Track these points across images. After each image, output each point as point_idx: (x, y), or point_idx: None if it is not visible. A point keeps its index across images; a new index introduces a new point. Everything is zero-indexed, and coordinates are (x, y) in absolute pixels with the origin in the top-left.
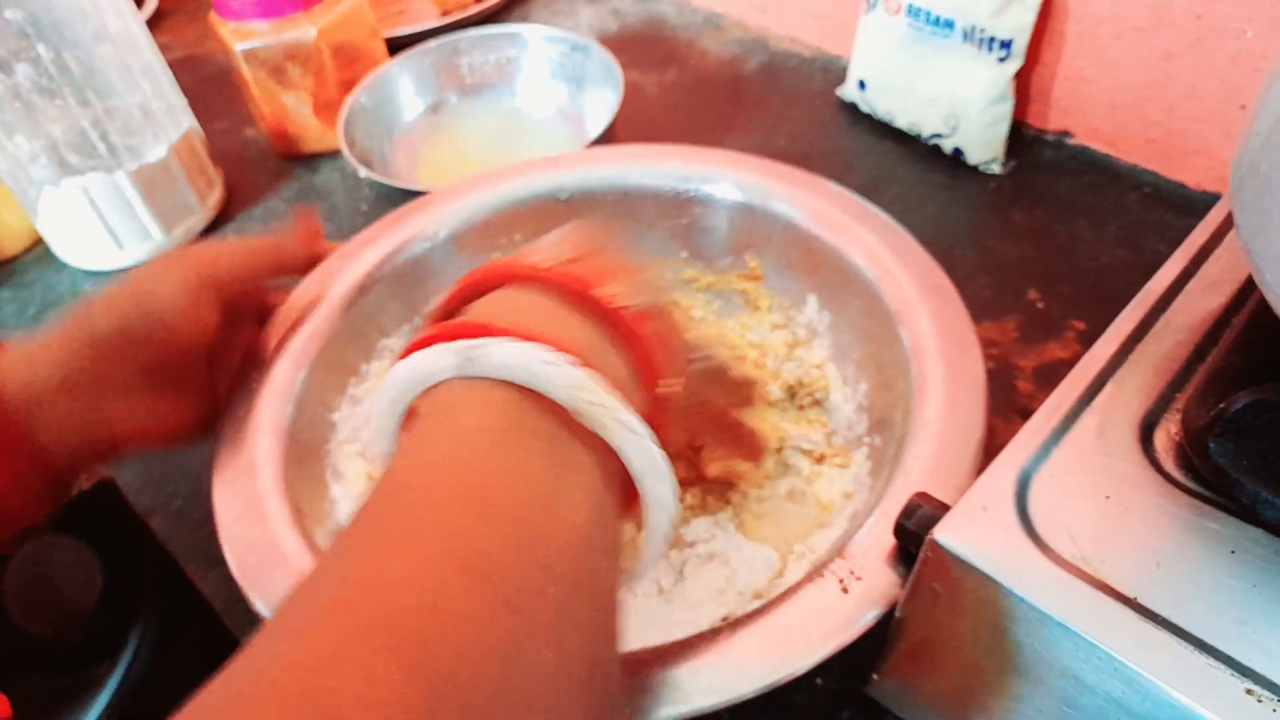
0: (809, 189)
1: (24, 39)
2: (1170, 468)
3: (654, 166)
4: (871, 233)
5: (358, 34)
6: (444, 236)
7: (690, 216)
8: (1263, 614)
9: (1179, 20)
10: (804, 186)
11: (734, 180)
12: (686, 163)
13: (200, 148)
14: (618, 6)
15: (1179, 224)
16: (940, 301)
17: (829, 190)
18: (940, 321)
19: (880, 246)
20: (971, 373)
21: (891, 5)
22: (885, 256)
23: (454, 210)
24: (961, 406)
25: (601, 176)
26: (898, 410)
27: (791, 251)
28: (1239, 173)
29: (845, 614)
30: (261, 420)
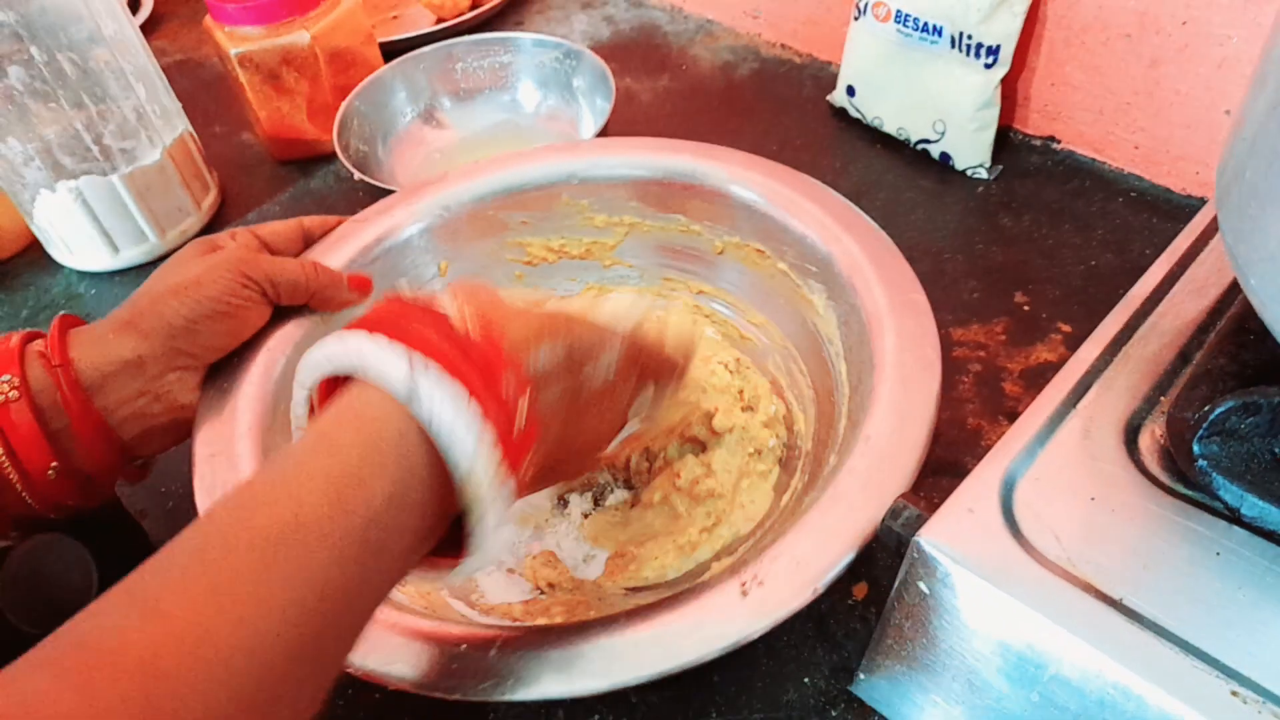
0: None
1: (17, 41)
2: (1155, 470)
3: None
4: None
5: (353, 39)
6: (418, 230)
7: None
8: (1248, 616)
9: (1165, 27)
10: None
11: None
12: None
13: (195, 151)
14: (611, 13)
15: (1164, 228)
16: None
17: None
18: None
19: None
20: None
21: (880, 12)
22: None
23: (426, 205)
24: (907, 425)
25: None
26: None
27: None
28: (1224, 178)
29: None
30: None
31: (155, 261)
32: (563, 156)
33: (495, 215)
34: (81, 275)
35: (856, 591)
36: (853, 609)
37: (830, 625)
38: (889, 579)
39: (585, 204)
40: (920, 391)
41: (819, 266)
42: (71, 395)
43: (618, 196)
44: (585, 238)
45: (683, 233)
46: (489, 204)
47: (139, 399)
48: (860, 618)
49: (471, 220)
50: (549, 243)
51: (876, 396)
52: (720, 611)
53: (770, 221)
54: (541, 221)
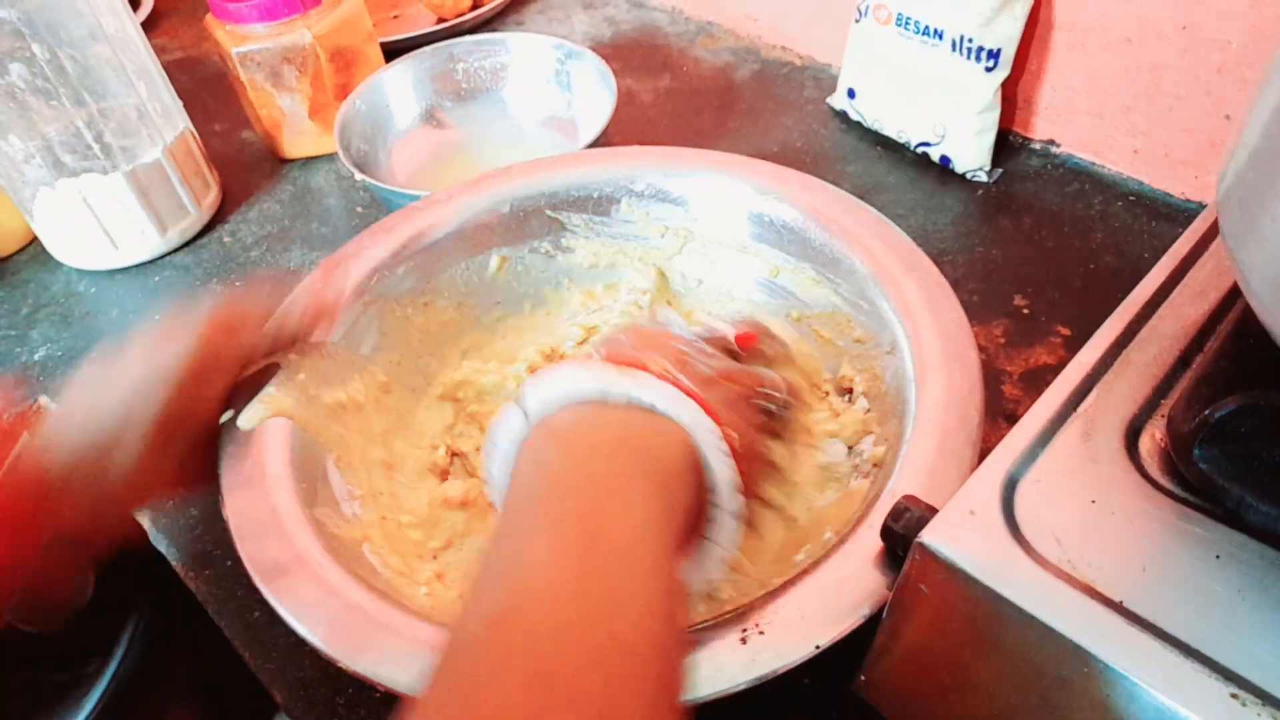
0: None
1: (18, 38)
2: (1156, 473)
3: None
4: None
5: (354, 38)
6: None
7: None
8: (1248, 619)
9: (1165, 31)
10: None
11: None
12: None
13: (196, 149)
14: (612, 14)
15: (1164, 232)
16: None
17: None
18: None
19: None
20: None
21: (881, 15)
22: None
23: (441, 218)
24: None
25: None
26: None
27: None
28: (1225, 183)
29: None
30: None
31: (156, 260)
32: (626, 162)
33: (552, 215)
34: (82, 273)
35: None
36: None
37: None
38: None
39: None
40: (955, 455)
41: (869, 306)
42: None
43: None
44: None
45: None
46: (543, 203)
47: (79, 511)
48: None
49: (527, 216)
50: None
51: (911, 453)
52: (715, 657)
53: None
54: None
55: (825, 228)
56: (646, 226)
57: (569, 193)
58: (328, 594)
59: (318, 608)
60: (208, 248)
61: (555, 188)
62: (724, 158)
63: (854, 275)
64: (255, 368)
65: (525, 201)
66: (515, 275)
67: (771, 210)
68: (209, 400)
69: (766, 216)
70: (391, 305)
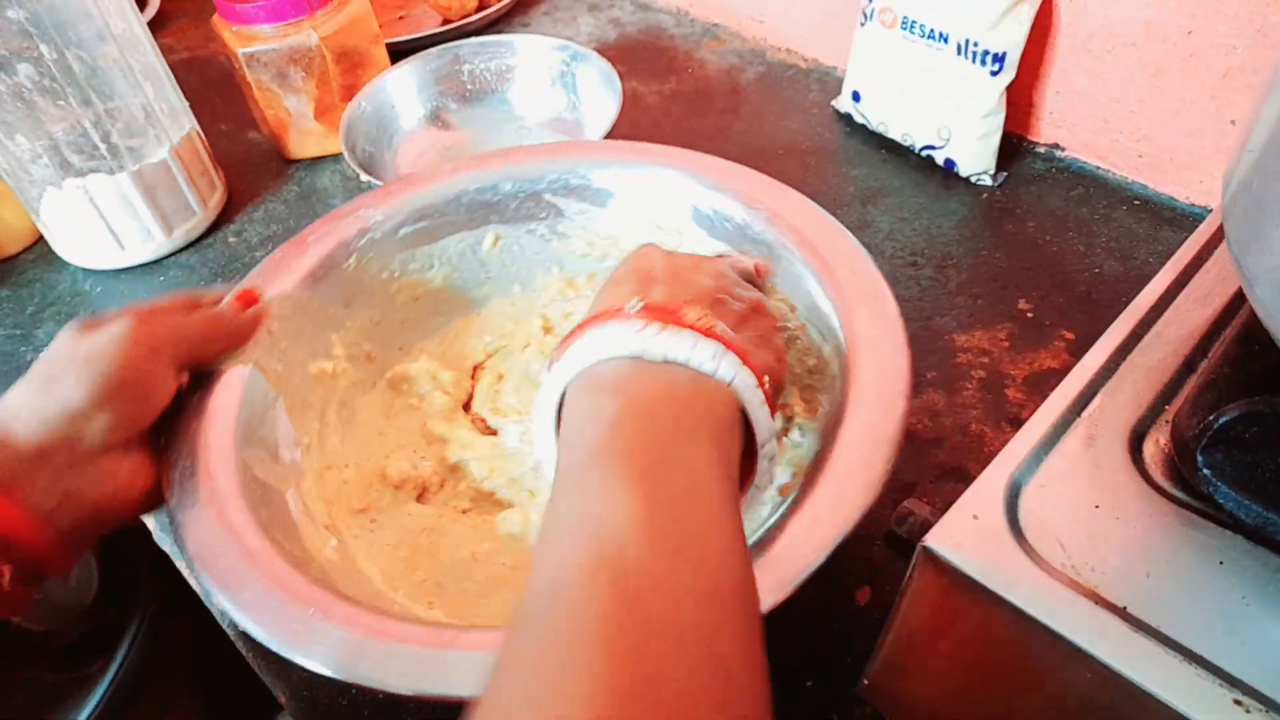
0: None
1: (26, 38)
2: (1159, 478)
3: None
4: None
5: (361, 39)
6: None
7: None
8: (1251, 625)
9: (1170, 35)
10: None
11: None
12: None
13: (202, 149)
14: (617, 16)
15: (1169, 237)
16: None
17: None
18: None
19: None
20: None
21: (887, 18)
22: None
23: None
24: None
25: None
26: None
27: None
28: (1230, 189)
29: None
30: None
31: (161, 260)
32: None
33: (549, 200)
34: (87, 273)
35: (859, 596)
36: (856, 612)
37: (834, 628)
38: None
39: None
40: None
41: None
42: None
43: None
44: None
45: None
46: (544, 187)
47: (54, 493)
48: (863, 621)
49: (527, 198)
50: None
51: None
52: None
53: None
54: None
55: (807, 252)
56: (639, 222)
57: (568, 180)
58: (225, 531)
59: (209, 542)
60: (213, 248)
61: (556, 173)
62: (721, 165)
63: (814, 304)
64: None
65: (528, 183)
66: (509, 255)
67: (758, 228)
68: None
69: (753, 230)
70: (378, 266)
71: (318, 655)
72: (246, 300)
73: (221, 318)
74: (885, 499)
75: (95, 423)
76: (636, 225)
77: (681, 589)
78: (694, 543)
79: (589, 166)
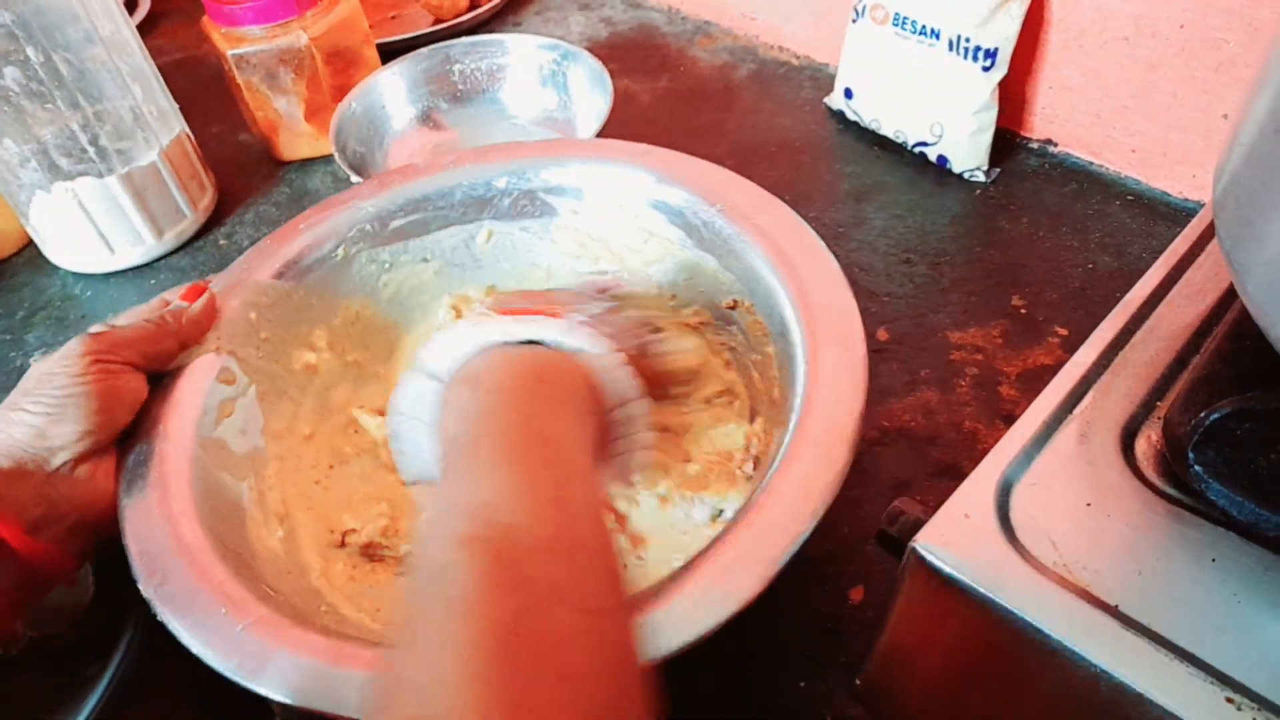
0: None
1: (12, 41)
2: (1152, 475)
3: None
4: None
5: (351, 40)
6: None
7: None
8: (1243, 622)
9: (1162, 30)
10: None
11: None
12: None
13: (192, 152)
14: (609, 14)
15: (1162, 232)
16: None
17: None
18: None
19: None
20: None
21: (878, 14)
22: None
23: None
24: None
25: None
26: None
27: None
28: (1221, 183)
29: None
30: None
31: (152, 263)
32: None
33: (544, 199)
34: (78, 277)
35: (853, 594)
36: (851, 611)
37: (828, 627)
38: (885, 581)
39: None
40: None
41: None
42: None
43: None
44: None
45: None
46: (538, 185)
47: (36, 505)
48: (858, 620)
49: (521, 195)
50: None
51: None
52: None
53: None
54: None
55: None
56: (632, 229)
57: (562, 181)
58: (163, 519)
59: (146, 529)
60: (204, 250)
61: (552, 172)
62: (709, 170)
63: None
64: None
65: (523, 180)
66: (502, 251)
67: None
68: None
69: (734, 248)
70: (369, 255)
71: (218, 654)
72: (195, 293)
73: (171, 315)
74: (879, 497)
75: (61, 436)
76: (627, 229)
77: (555, 547)
78: (564, 507)
79: (583, 166)
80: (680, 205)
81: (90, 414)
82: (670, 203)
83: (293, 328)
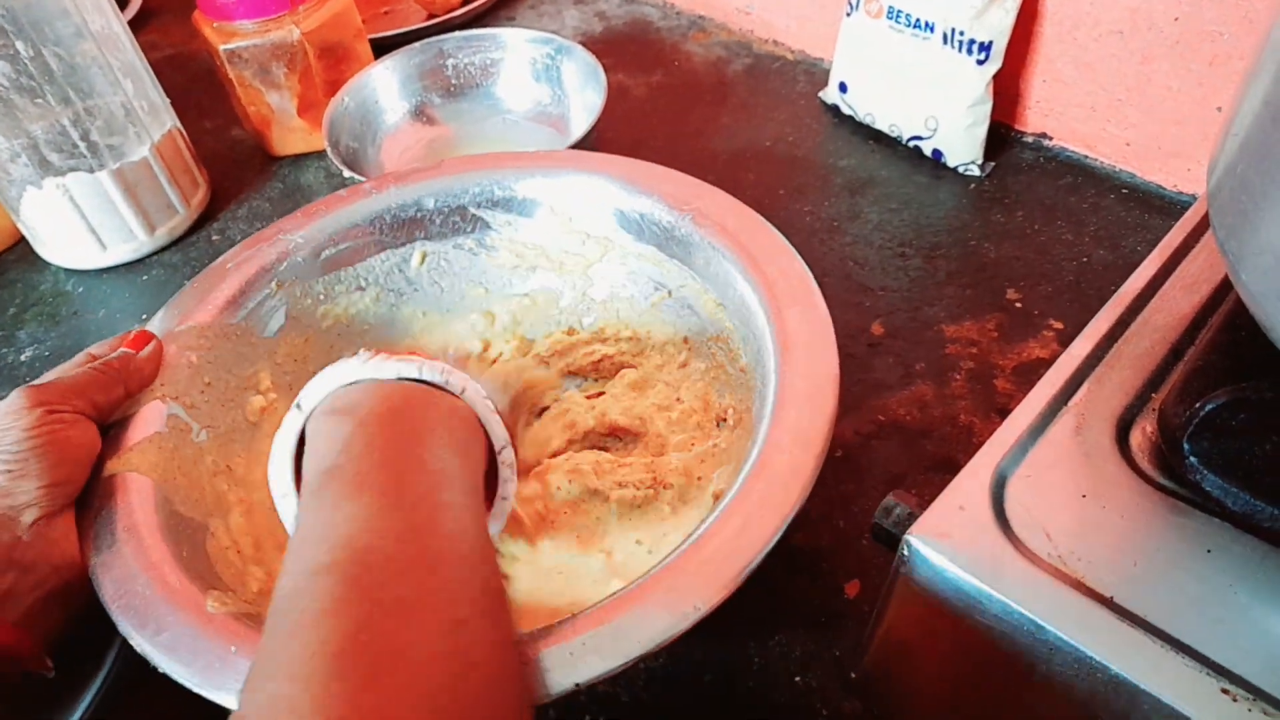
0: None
1: (2, 36)
2: (1147, 467)
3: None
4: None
5: (344, 34)
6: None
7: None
8: (1239, 613)
9: (1156, 23)
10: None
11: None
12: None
13: (184, 147)
14: (602, 9)
15: (1156, 224)
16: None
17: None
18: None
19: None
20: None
21: (872, 8)
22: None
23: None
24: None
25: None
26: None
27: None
28: (1215, 174)
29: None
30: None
31: (144, 259)
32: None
33: (475, 214)
34: (69, 273)
35: (849, 589)
36: (846, 606)
37: (823, 621)
38: (880, 575)
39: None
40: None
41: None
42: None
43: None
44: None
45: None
46: (468, 200)
47: (4, 574)
48: (854, 614)
49: (453, 212)
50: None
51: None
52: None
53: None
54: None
55: (753, 269)
56: (568, 233)
57: (494, 192)
58: (144, 569)
59: (126, 581)
60: (197, 246)
61: (481, 186)
62: (644, 168)
63: (743, 303)
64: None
65: (451, 198)
66: (438, 271)
67: (684, 229)
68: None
69: (679, 231)
70: (303, 289)
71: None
72: (140, 340)
73: (119, 362)
74: (873, 491)
75: (26, 493)
76: (563, 233)
77: (409, 565)
78: (423, 526)
79: (513, 177)
80: (616, 201)
81: (52, 466)
82: (607, 200)
83: (235, 369)
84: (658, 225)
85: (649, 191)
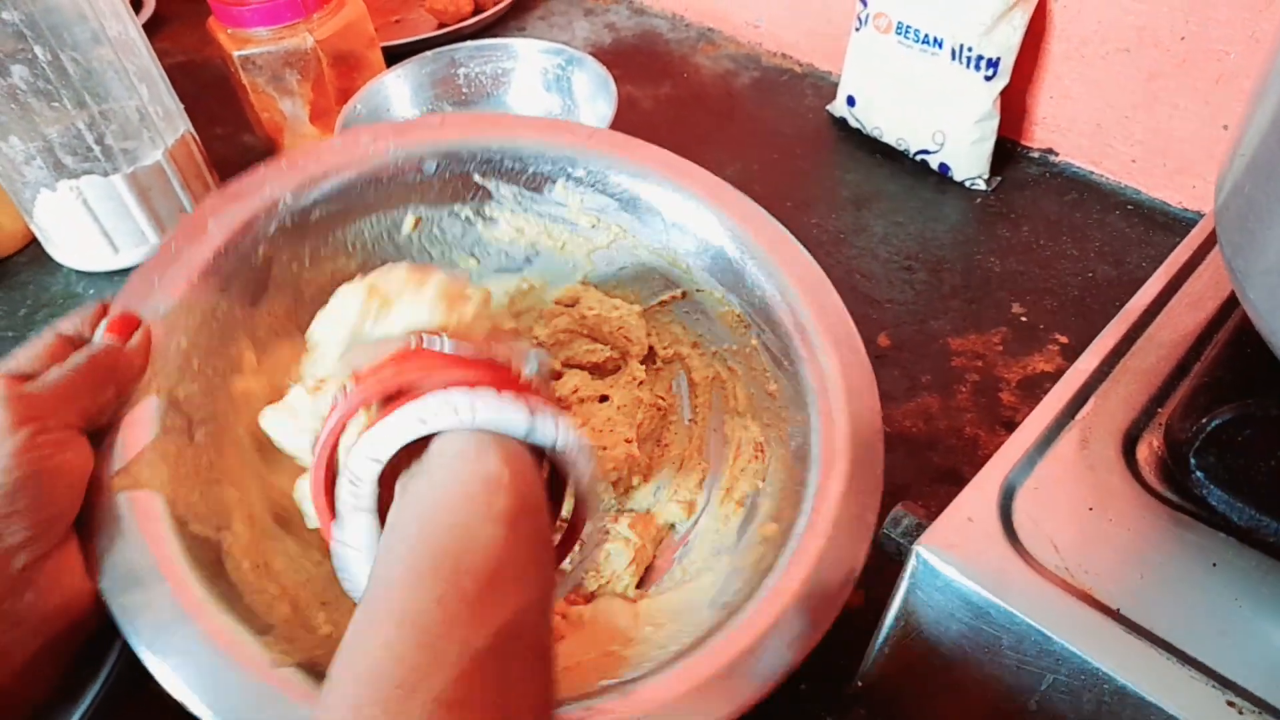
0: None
1: (21, 40)
2: (1153, 480)
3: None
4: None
5: (356, 43)
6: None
7: None
8: (1243, 626)
9: (1163, 41)
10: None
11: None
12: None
13: (196, 152)
14: (613, 20)
15: (1161, 241)
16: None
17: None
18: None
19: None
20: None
21: (881, 23)
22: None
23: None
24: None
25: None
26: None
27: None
28: (1222, 192)
29: None
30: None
31: None
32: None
33: (480, 182)
34: (81, 275)
35: (854, 598)
36: (851, 615)
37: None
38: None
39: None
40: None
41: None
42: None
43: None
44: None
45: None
46: (473, 167)
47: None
48: (857, 625)
49: (453, 178)
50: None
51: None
52: None
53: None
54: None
55: (765, 271)
56: (579, 213)
57: (504, 161)
58: (185, 613)
59: (168, 628)
60: None
61: (490, 152)
62: (683, 166)
63: (779, 328)
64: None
65: (453, 161)
66: (430, 239)
67: (716, 239)
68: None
69: (710, 247)
70: (287, 253)
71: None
72: (124, 325)
73: (106, 357)
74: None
75: (15, 534)
76: (573, 213)
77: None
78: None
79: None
80: (634, 189)
81: (45, 499)
82: (628, 188)
83: (222, 349)
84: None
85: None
